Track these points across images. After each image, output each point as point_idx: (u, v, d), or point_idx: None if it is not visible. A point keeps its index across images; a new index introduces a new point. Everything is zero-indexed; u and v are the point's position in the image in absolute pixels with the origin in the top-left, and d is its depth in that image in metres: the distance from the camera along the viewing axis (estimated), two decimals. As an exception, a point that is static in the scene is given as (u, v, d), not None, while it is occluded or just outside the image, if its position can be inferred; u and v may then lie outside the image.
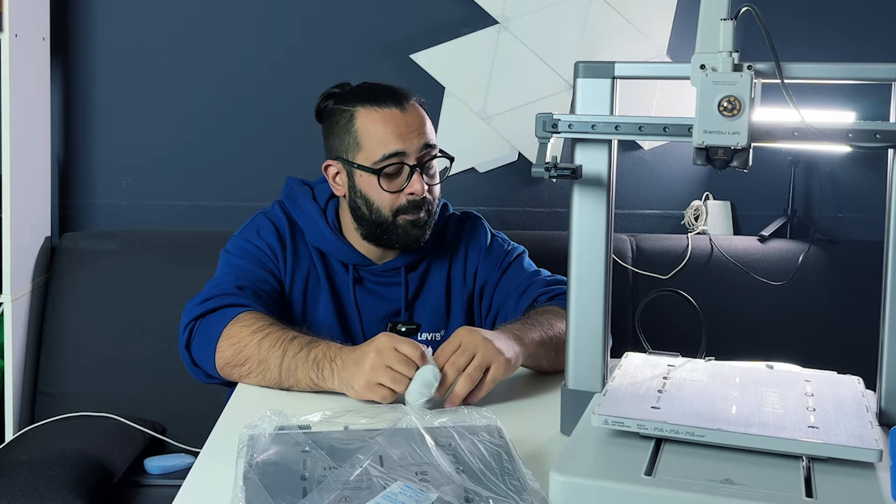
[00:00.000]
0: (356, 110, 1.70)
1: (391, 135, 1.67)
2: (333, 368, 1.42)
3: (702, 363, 1.33)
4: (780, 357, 1.55)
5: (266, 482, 0.99)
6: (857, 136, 1.10)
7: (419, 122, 1.70)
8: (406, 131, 1.67)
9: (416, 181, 1.67)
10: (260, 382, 1.50)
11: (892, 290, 1.16)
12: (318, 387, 1.44)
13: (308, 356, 1.45)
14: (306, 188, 1.81)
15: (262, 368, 1.48)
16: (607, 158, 1.23)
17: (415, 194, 1.68)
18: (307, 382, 1.44)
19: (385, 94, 1.70)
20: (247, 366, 1.50)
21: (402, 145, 1.67)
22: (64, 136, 2.53)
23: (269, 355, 1.47)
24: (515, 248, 1.86)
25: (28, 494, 1.77)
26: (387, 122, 1.67)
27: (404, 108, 1.69)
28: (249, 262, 1.71)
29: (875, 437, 1.05)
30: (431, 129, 1.73)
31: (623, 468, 1.01)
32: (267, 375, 1.48)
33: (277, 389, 1.48)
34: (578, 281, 1.26)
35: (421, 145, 1.68)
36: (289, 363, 1.46)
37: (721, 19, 1.11)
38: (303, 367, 1.44)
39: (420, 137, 1.68)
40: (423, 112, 1.73)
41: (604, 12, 2.56)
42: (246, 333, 1.51)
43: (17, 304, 2.24)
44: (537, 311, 1.64)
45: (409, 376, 1.35)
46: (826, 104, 2.48)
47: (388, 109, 1.68)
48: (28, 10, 2.26)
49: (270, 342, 1.49)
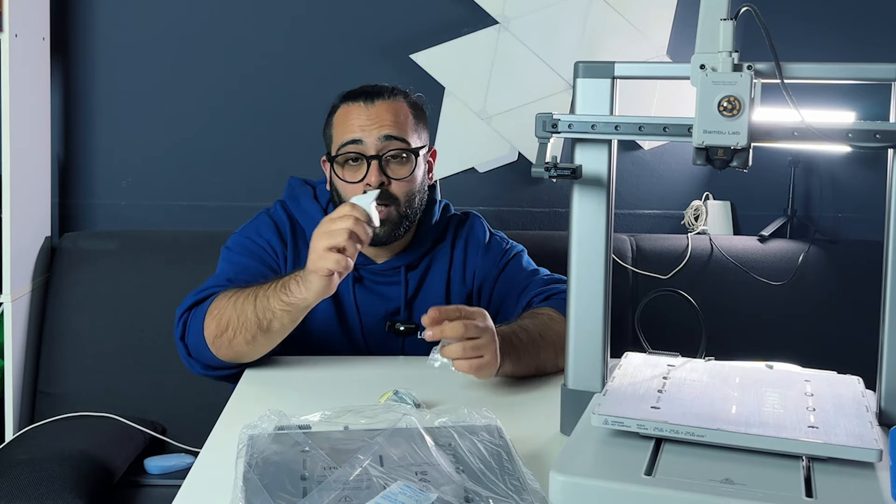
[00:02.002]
0: (338, 106, 1.76)
1: (351, 126, 1.71)
2: (297, 280, 1.47)
3: (702, 363, 1.33)
4: (780, 357, 1.55)
5: (266, 482, 0.99)
6: (857, 136, 1.10)
7: (387, 116, 1.71)
8: (367, 123, 1.70)
9: (373, 171, 1.68)
10: (245, 338, 1.52)
11: (892, 290, 1.16)
12: (291, 305, 1.48)
13: (276, 284, 1.50)
14: (308, 188, 1.83)
15: (241, 322, 1.51)
16: (607, 158, 1.23)
17: (370, 185, 1.68)
18: (280, 307, 1.48)
19: (362, 92, 1.75)
20: (230, 329, 1.53)
21: (359, 134, 1.70)
22: (64, 136, 2.53)
23: (245, 307, 1.51)
24: (514, 246, 1.86)
25: (28, 494, 1.77)
26: (350, 115, 1.72)
27: (372, 103, 1.72)
28: (249, 258, 1.73)
29: (875, 437, 1.05)
30: (405, 124, 1.73)
31: (623, 468, 1.01)
32: (247, 326, 1.51)
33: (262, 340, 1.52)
34: (578, 281, 1.26)
35: (380, 136, 1.70)
36: (262, 301, 1.50)
37: (721, 19, 1.11)
38: (273, 296, 1.49)
39: (381, 129, 1.70)
40: (399, 108, 1.73)
41: (604, 12, 2.56)
42: (224, 302, 1.55)
43: (17, 304, 2.24)
44: (531, 316, 1.64)
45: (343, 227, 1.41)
46: (826, 104, 2.48)
47: (356, 104, 1.73)
48: (28, 10, 2.26)
49: (244, 297, 1.53)
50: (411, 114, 1.75)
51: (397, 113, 1.72)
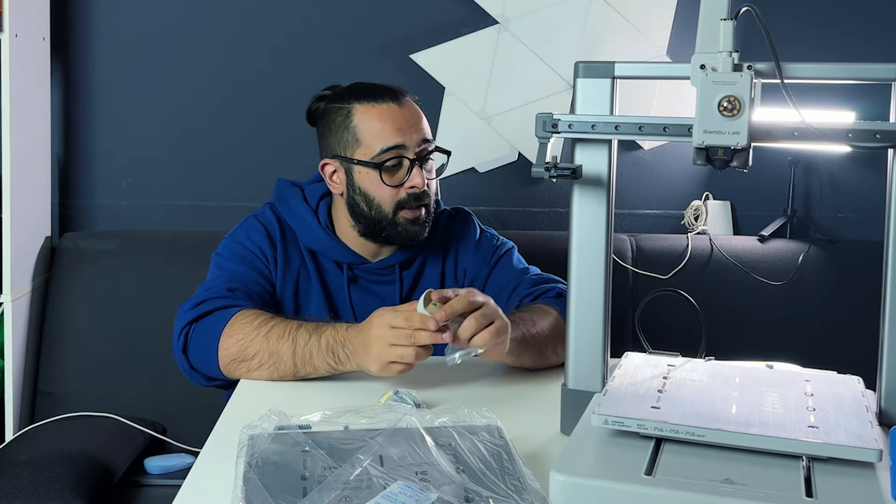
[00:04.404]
0: (353, 107, 1.71)
1: (390, 129, 1.68)
2: (347, 353, 1.46)
3: (702, 363, 1.33)
4: (780, 357, 1.55)
5: (266, 482, 0.99)
6: (857, 136, 1.10)
7: (416, 117, 1.72)
8: (405, 125, 1.69)
9: (417, 174, 1.69)
10: (272, 375, 1.51)
11: (892, 290, 1.16)
12: (337, 371, 1.49)
13: (320, 343, 1.48)
14: (296, 189, 1.82)
15: (273, 360, 1.50)
16: (607, 158, 1.23)
17: (416, 187, 1.69)
18: (325, 368, 1.48)
19: (381, 91, 1.73)
20: (256, 360, 1.51)
21: (401, 139, 1.68)
22: (64, 136, 2.53)
23: (280, 347, 1.49)
24: (504, 243, 1.87)
25: (28, 494, 1.77)
26: (385, 117, 1.69)
27: (401, 104, 1.71)
28: (240, 264, 1.72)
29: (875, 437, 1.05)
30: (427, 125, 1.75)
31: (623, 468, 1.01)
32: (280, 367, 1.50)
33: (291, 380, 1.51)
34: (578, 281, 1.26)
35: (419, 139, 1.70)
36: (302, 352, 1.48)
37: (721, 19, 1.11)
38: (318, 355, 1.47)
39: (418, 132, 1.71)
40: (418, 108, 1.75)
41: (604, 12, 2.56)
42: (249, 329, 1.52)
43: (17, 304, 2.24)
44: (527, 309, 1.64)
45: (414, 345, 1.39)
46: (826, 104, 2.48)
47: (385, 104, 1.70)
48: (28, 10, 2.26)
49: (278, 334, 1.50)
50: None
51: (420, 113, 1.74)
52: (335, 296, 1.76)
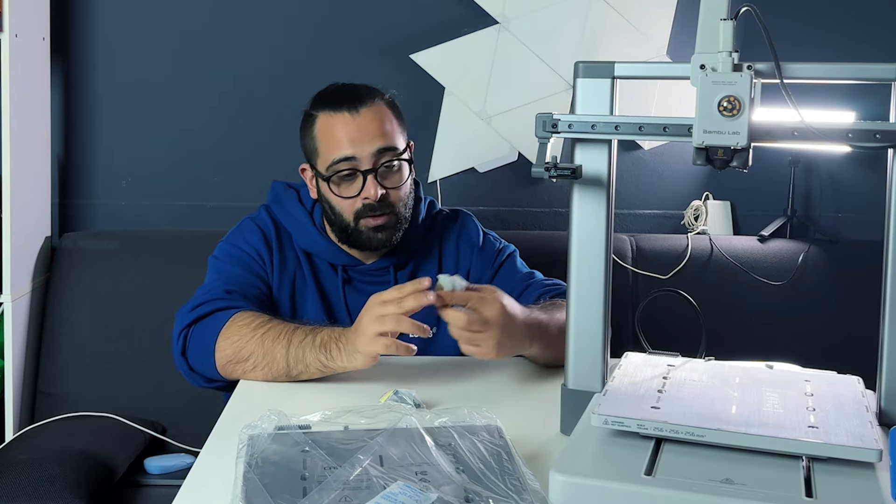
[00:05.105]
0: (317, 115, 1.72)
1: (342, 140, 1.67)
2: (340, 346, 1.46)
3: (702, 363, 1.33)
4: (780, 357, 1.55)
5: (266, 482, 0.99)
6: (857, 136, 1.10)
7: (374, 125, 1.68)
8: (357, 136, 1.67)
9: (370, 185, 1.67)
10: (266, 376, 1.51)
11: (892, 290, 1.16)
12: (328, 368, 1.47)
13: (314, 341, 1.48)
14: (292, 191, 1.82)
15: (267, 361, 1.50)
16: (607, 158, 1.23)
17: (369, 199, 1.67)
18: (317, 366, 1.47)
19: (341, 98, 1.70)
20: (251, 361, 1.51)
21: (352, 150, 1.67)
22: (64, 136, 2.53)
23: (274, 347, 1.49)
24: (507, 246, 1.86)
25: (28, 494, 1.77)
26: (337, 128, 1.68)
27: (357, 111, 1.68)
28: (237, 266, 1.72)
29: (875, 437, 1.05)
30: (392, 130, 1.70)
31: (623, 468, 1.01)
32: (274, 367, 1.49)
33: (285, 381, 1.50)
34: (578, 281, 1.26)
35: (374, 150, 1.67)
36: (295, 351, 1.48)
37: (721, 19, 1.11)
38: (311, 352, 1.47)
39: (374, 142, 1.67)
40: (383, 114, 1.70)
41: (604, 12, 2.55)
42: (246, 331, 1.52)
43: (17, 304, 2.24)
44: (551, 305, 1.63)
45: (401, 312, 1.39)
46: (826, 104, 2.48)
47: (340, 114, 1.68)
48: (28, 10, 2.26)
49: (273, 335, 1.50)
50: (393, 116, 1.72)
51: (383, 120, 1.69)
52: (331, 297, 1.76)
